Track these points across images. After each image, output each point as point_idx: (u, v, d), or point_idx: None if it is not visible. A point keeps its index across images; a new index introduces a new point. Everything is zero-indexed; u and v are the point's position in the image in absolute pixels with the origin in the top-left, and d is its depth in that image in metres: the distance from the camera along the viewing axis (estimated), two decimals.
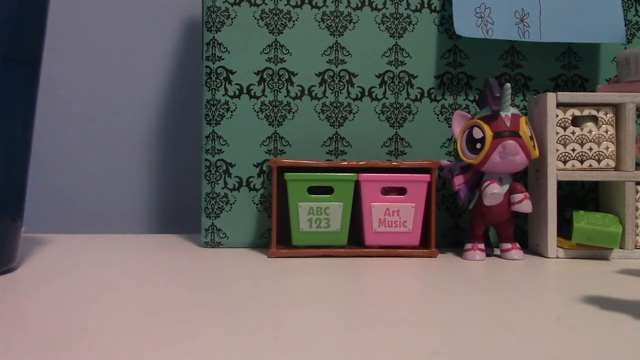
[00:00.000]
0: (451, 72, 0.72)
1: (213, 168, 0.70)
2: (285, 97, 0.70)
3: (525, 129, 0.61)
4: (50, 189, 0.94)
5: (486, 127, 0.61)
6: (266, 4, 0.70)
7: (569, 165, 0.64)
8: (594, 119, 0.64)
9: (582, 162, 0.64)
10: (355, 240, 0.66)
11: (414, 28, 0.71)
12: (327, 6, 0.71)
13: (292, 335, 0.32)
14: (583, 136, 0.64)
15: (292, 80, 0.70)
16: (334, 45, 0.71)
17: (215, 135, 0.70)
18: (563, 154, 0.64)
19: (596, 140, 0.64)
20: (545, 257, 0.63)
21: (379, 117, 0.71)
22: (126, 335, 0.32)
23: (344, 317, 0.37)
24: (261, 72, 0.70)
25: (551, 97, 0.64)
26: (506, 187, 0.62)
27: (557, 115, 0.64)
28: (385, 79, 0.71)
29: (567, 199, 0.72)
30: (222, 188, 0.70)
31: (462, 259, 0.63)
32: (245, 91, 0.70)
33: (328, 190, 0.63)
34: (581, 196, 0.73)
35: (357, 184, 0.63)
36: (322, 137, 0.71)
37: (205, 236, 0.70)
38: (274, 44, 0.70)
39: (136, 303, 0.40)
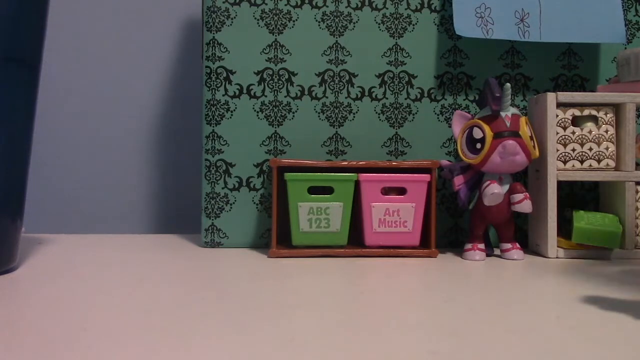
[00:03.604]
0: (451, 72, 0.72)
1: (213, 168, 0.70)
2: (285, 97, 0.70)
3: (525, 129, 0.61)
4: (50, 189, 0.94)
5: (486, 127, 0.61)
6: (266, 4, 0.70)
7: (569, 165, 0.64)
8: (594, 119, 0.64)
9: (582, 162, 0.64)
10: (355, 240, 0.66)
11: (414, 28, 0.71)
12: (327, 6, 0.71)
13: (292, 335, 0.32)
14: (583, 136, 0.64)
15: (292, 80, 0.71)
16: (334, 45, 0.71)
17: (215, 135, 0.70)
18: (563, 154, 0.64)
19: (596, 140, 0.64)
20: (545, 257, 0.63)
21: (379, 117, 0.71)
22: (126, 335, 0.32)
23: (343, 317, 0.37)
24: (261, 72, 0.70)
25: (551, 97, 0.64)
26: (506, 187, 0.63)
27: (557, 115, 0.64)
28: (385, 79, 0.71)
29: (567, 199, 0.72)
30: (222, 188, 0.70)
31: (462, 259, 0.63)
32: (245, 91, 0.70)
33: (328, 190, 0.63)
34: (581, 196, 0.73)
35: (357, 184, 0.63)
36: (322, 137, 0.71)
37: (205, 236, 0.70)
38: (274, 44, 0.70)
39: (136, 303, 0.40)
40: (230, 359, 0.28)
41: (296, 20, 0.70)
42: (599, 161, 0.64)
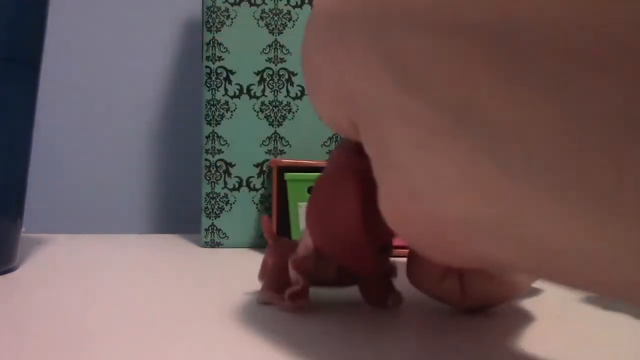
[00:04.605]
0: None
1: (213, 168, 0.70)
2: (285, 97, 0.70)
3: None
4: (50, 189, 0.94)
5: None
6: (266, 4, 0.70)
7: None
8: None
9: None
10: None
11: None
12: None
13: (291, 335, 0.32)
14: None
15: (292, 80, 0.71)
16: None
17: (215, 135, 0.70)
18: None
19: None
20: None
21: None
22: (126, 336, 0.32)
23: (343, 317, 0.37)
24: (261, 72, 0.70)
25: None
26: None
27: None
28: None
29: None
30: (222, 188, 0.70)
31: None
32: (245, 91, 0.70)
33: None
34: None
35: None
36: (322, 137, 0.71)
37: (205, 236, 0.70)
38: (274, 44, 0.71)
39: (136, 303, 0.40)
40: (230, 358, 0.28)
41: (296, 20, 0.70)
42: None
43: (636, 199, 0.14)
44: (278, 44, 0.71)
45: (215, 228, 0.70)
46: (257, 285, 0.47)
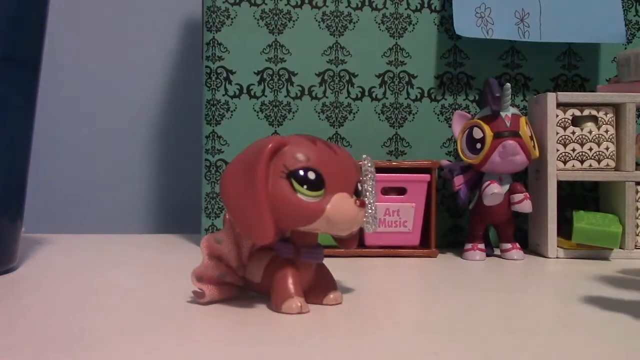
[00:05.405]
0: (451, 72, 0.72)
1: (213, 168, 0.70)
2: (285, 97, 0.70)
3: (525, 129, 0.61)
4: (50, 189, 0.94)
5: (486, 127, 0.61)
6: (266, 4, 0.70)
7: (569, 165, 0.64)
8: (594, 119, 0.64)
9: (582, 162, 0.64)
10: None
11: (414, 28, 0.71)
12: (327, 6, 0.71)
13: (291, 335, 0.32)
14: (583, 136, 0.64)
15: (292, 80, 0.71)
16: (334, 45, 0.71)
17: (215, 135, 0.70)
18: (563, 154, 0.64)
19: (596, 140, 0.64)
20: (545, 257, 0.63)
21: (379, 117, 0.71)
22: (126, 335, 0.32)
23: (343, 317, 0.37)
24: (261, 72, 0.70)
25: (551, 97, 0.64)
26: (506, 187, 0.62)
27: (557, 115, 0.64)
28: (385, 79, 0.71)
29: (567, 199, 0.72)
30: None
31: (462, 259, 0.63)
32: (245, 91, 0.70)
33: None
34: (581, 196, 0.73)
35: None
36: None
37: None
38: (274, 44, 0.70)
39: (136, 303, 0.40)
40: (229, 358, 0.28)
41: (296, 20, 0.70)
42: (599, 161, 0.64)
43: None
44: (278, 44, 0.71)
45: (215, 228, 0.70)
46: None
